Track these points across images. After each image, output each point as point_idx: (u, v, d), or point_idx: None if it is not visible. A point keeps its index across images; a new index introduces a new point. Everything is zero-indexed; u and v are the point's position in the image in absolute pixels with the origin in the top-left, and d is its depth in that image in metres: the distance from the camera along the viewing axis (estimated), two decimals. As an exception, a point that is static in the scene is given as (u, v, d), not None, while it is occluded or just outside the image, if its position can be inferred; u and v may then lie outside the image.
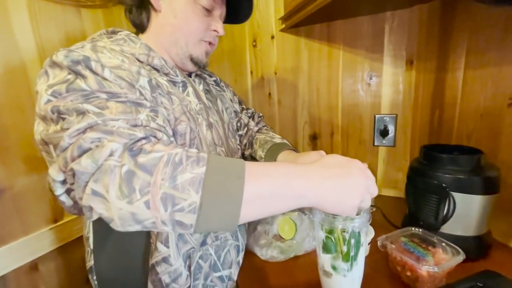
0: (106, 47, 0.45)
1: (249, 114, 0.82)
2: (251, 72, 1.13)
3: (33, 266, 0.68)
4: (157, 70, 0.52)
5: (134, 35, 0.54)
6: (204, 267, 0.53)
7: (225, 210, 0.33)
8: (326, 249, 0.49)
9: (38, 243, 0.68)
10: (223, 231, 0.36)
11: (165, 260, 0.50)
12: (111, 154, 0.32)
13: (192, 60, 0.58)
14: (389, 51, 0.88)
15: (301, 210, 0.81)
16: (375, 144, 0.96)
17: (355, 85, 0.96)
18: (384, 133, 0.93)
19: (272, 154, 0.69)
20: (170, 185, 0.31)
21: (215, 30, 0.58)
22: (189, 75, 0.63)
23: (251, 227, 0.76)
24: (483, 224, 0.59)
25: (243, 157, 0.80)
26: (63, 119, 0.36)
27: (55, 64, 0.40)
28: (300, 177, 0.36)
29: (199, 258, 0.53)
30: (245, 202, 0.33)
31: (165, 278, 0.50)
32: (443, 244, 0.55)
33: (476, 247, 0.59)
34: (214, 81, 0.75)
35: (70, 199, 0.36)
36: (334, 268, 0.49)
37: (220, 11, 0.59)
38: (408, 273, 0.53)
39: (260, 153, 0.72)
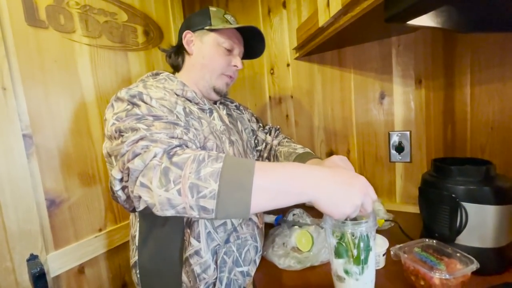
0: (153, 85, 0.60)
1: (266, 131, 0.91)
2: (270, 97, 1.23)
3: (81, 269, 0.79)
4: (190, 101, 0.65)
5: (172, 75, 0.68)
6: (228, 262, 0.61)
7: (238, 197, 0.40)
8: (338, 254, 0.53)
9: (85, 248, 0.79)
10: (238, 217, 0.43)
11: (197, 253, 0.59)
12: (154, 156, 0.42)
13: (214, 90, 0.71)
14: (398, 71, 0.93)
15: (318, 223, 0.84)
16: (391, 160, 0.98)
17: (367, 105, 1.01)
18: (399, 149, 0.96)
19: None
20: (196, 176, 0.40)
21: (235, 65, 0.71)
22: (215, 102, 0.76)
23: (270, 238, 0.81)
24: (501, 236, 0.59)
25: None
26: (122, 135, 0.48)
27: (118, 99, 0.54)
28: (303, 176, 0.43)
29: (224, 254, 0.61)
30: (254, 191, 0.40)
31: (197, 269, 0.59)
32: (458, 254, 0.56)
33: (495, 260, 0.58)
34: (235, 106, 0.87)
35: (124, 194, 0.47)
36: (346, 272, 0.53)
37: (238, 50, 0.72)
38: (422, 282, 0.54)
39: None
